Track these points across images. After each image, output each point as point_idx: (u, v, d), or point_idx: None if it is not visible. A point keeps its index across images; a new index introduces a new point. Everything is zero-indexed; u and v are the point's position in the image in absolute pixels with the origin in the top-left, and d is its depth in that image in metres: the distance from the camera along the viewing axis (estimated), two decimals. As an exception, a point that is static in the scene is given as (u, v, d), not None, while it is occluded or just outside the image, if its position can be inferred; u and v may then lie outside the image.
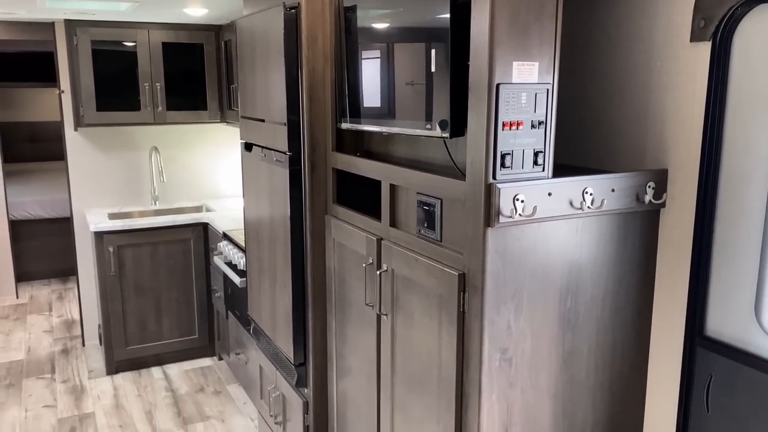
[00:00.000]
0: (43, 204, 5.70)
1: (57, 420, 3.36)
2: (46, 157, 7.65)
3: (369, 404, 2.10)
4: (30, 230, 5.76)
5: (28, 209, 5.64)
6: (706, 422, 1.63)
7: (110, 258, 3.74)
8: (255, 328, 2.92)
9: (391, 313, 1.90)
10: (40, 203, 5.69)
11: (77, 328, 4.68)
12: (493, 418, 1.58)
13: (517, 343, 1.57)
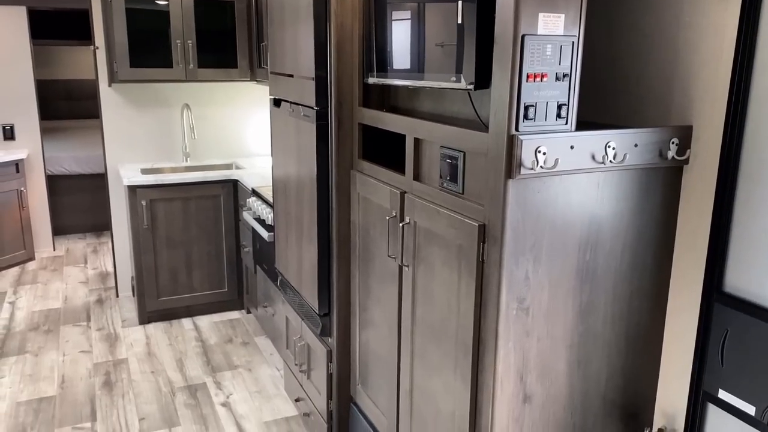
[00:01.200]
0: (78, 160, 5.85)
1: (93, 364, 3.52)
2: (81, 115, 7.80)
3: (390, 352, 2.16)
4: (66, 185, 5.93)
5: (65, 165, 5.80)
6: (720, 376, 1.65)
7: (143, 212, 3.85)
8: (282, 280, 3.00)
9: (412, 264, 1.94)
10: (75, 159, 5.84)
11: (111, 279, 4.85)
12: (509, 364, 1.63)
13: (535, 293, 1.61)
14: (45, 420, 2.98)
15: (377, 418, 2.32)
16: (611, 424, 1.82)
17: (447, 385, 1.81)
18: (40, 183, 5.29)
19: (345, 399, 2.60)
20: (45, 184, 5.31)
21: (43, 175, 5.29)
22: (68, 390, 3.25)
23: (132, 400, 3.15)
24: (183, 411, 3.06)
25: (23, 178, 5.10)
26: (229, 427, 2.93)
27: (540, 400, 1.69)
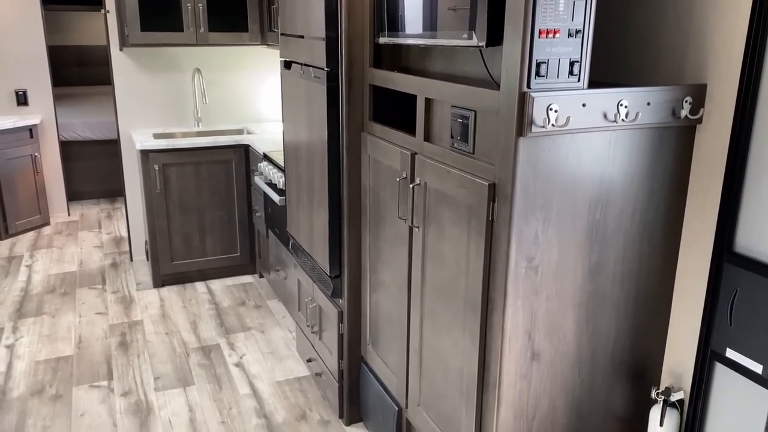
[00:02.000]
0: (91, 126, 5.87)
1: (108, 326, 3.58)
2: (93, 81, 7.81)
3: (399, 312, 2.19)
4: (79, 151, 5.97)
5: (77, 131, 5.82)
6: (728, 335, 1.66)
7: (155, 176, 3.88)
8: (293, 244, 3.02)
9: (422, 225, 1.95)
10: (88, 125, 5.86)
11: (125, 244, 4.90)
12: (517, 322, 1.64)
13: (544, 252, 1.62)
14: (63, 378, 3.05)
15: (387, 376, 2.36)
16: (618, 383, 1.84)
17: (456, 343, 1.84)
18: (53, 148, 5.32)
19: (356, 359, 2.64)
20: (59, 150, 5.34)
21: (57, 141, 5.32)
22: (85, 350, 3.32)
23: (147, 360, 3.21)
24: (197, 371, 3.13)
25: (37, 144, 5.14)
26: (242, 387, 2.99)
27: (548, 358, 1.71)
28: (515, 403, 1.71)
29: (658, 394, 1.81)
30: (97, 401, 2.87)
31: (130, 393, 2.94)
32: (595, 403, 1.83)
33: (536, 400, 1.74)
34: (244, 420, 2.74)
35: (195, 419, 2.74)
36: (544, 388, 1.74)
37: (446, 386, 1.92)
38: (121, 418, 2.75)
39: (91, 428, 2.68)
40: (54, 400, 2.87)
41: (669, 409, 1.79)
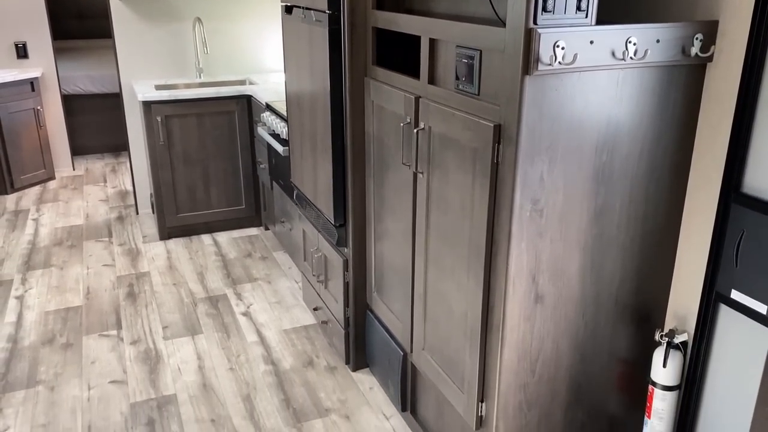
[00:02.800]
0: (93, 79, 5.81)
1: (116, 277, 3.62)
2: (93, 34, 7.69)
3: (404, 259, 2.19)
4: (82, 105, 5.92)
5: (79, 84, 5.77)
6: (733, 277, 1.66)
7: (158, 128, 3.85)
8: (298, 194, 3.02)
9: (426, 171, 1.94)
10: (90, 78, 5.80)
11: (131, 198, 4.91)
12: (521, 265, 1.64)
13: (549, 195, 1.60)
14: (73, 327, 3.10)
15: (392, 322, 2.38)
16: (622, 326, 1.85)
17: (460, 286, 1.84)
18: (56, 102, 5.28)
19: (361, 306, 2.66)
20: (61, 104, 5.30)
21: (59, 94, 5.28)
22: (94, 300, 3.35)
23: (155, 310, 3.25)
24: (205, 320, 3.16)
25: (39, 97, 5.10)
26: (249, 335, 3.03)
27: (552, 300, 1.72)
28: (519, 345, 1.72)
29: (662, 336, 1.82)
30: (107, 349, 2.92)
31: (139, 341, 2.98)
32: (598, 345, 1.84)
33: (540, 342, 1.75)
34: (252, 367, 2.78)
35: (203, 366, 2.79)
36: (547, 331, 1.75)
37: (450, 330, 1.93)
38: (130, 365, 2.80)
39: (101, 375, 2.73)
40: (65, 349, 2.92)
41: (672, 350, 1.80)
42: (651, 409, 1.87)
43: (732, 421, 1.76)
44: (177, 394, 2.60)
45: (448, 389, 1.99)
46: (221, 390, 2.63)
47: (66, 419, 2.46)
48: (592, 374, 1.87)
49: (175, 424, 2.42)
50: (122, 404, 2.54)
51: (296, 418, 2.46)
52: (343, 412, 2.50)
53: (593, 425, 1.93)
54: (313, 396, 2.59)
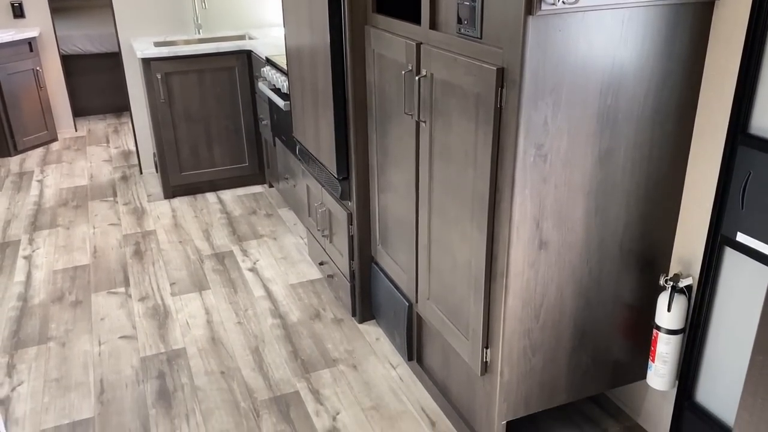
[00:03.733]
0: (91, 38, 5.74)
1: (122, 236, 3.63)
2: (89, -7, 7.55)
3: (408, 210, 2.19)
4: (82, 66, 5.87)
5: (78, 44, 5.70)
6: (739, 219, 1.65)
7: (159, 85, 3.81)
8: (300, 149, 3.00)
9: (429, 119, 1.91)
10: (88, 37, 5.73)
11: (134, 158, 4.90)
12: (525, 211, 1.63)
13: (553, 140, 1.58)
14: (81, 285, 3.13)
15: (397, 274, 2.39)
16: (627, 272, 1.85)
17: (464, 235, 1.84)
18: (55, 62, 5.23)
19: (366, 259, 2.67)
20: (60, 64, 5.25)
21: (58, 55, 5.22)
22: (101, 259, 3.38)
23: (162, 267, 3.28)
24: (212, 276, 3.19)
25: (38, 58, 5.04)
26: (256, 290, 3.05)
27: (556, 246, 1.71)
28: (523, 292, 1.73)
29: (667, 280, 1.82)
30: (115, 306, 2.95)
31: (147, 298, 3.01)
32: (603, 291, 1.84)
33: (544, 289, 1.75)
34: (259, 320, 2.81)
35: (212, 320, 2.82)
36: (551, 277, 1.75)
37: (455, 279, 1.94)
38: (140, 321, 2.83)
39: (111, 331, 2.77)
40: (74, 306, 2.96)
41: (677, 295, 1.80)
42: (655, 353, 1.88)
43: (735, 363, 1.77)
44: (186, 348, 2.63)
45: (454, 337, 2.01)
46: (230, 343, 2.66)
47: (78, 373, 2.50)
48: (597, 319, 1.88)
49: (185, 376, 2.47)
50: (133, 358, 2.58)
51: (304, 368, 2.50)
52: (350, 362, 2.53)
53: (597, 369, 1.95)
54: (320, 347, 2.62)
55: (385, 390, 2.38)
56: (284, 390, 2.38)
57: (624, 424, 2.16)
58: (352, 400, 2.33)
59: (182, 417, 2.26)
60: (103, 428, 2.22)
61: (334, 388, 2.39)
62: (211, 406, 2.31)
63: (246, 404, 2.31)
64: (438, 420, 2.22)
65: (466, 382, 2.08)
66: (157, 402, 2.34)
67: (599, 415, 2.21)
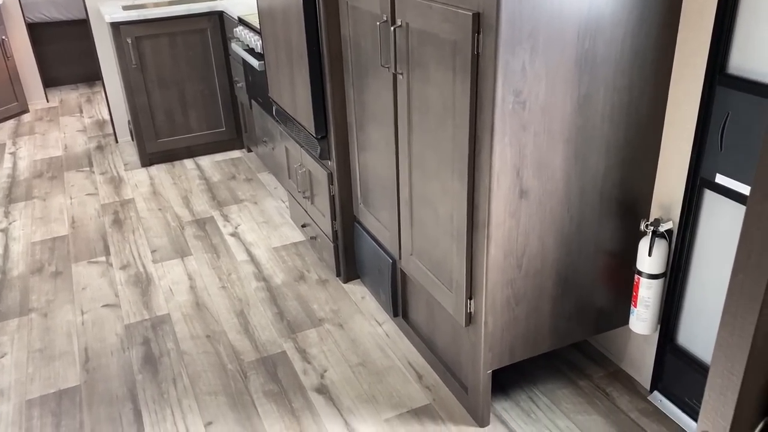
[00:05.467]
0: (57, 5, 5.57)
1: (100, 205, 3.58)
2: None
3: (388, 166, 2.16)
4: (50, 34, 5.70)
5: (43, 11, 5.53)
6: (718, 161, 1.65)
7: (129, 50, 3.71)
8: (277, 110, 2.95)
9: (406, 71, 1.88)
10: (54, 4, 5.56)
11: (109, 127, 4.81)
12: (505, 160, 1.62)
13: (532, 86, 1.56)
14: (61, 256, 3.09)
15: (380, 231, 2.38)
16: (608, 218, 1.86)
17: (445, 188, 1.83)
18: (21, 31, 5.07)
19: (349, 219, 2.66)
20: (27, 32, 5.09)
21: (23, 22, 5.06)
22: (79, 229, 3.33)
23: (143, 235, 3.24)
24: (193, 242, 3.16)
25: (3, 26, 4.89)
26: (239, 254, 3.03)
27: (536, 195, 1.71)
28: (505, 242, 1.73)
29: (647, 225, 1.82)
30: (97, 275, 2.92)
31: (128, 266, 2.98)
32: (584, 238, 1.85)
33: (525, 238, 1.75)
34: (243, 284, 2.80)
35: (195, 286, 2.80)
36: (533, 226, 1.75)
37: (437, 232, 1.93)
38: (122, 289, 2.81)
39: (93, 300, 2.74)
40: (54, 277, 2.92)
41: (658, 239, 1.81)
42: (637, 298, 1.90)
43: (716, 303, 1.79)
44: (170, 314, 2.62)
45: (438, 290, 2.01)
46: (214, 307, 2.65)
47: (62, 343, 2.48)
48: (579, 267, 1.89)
49: (171, 341, 2.46)
50: (117, 326, 2.57)
51: (290, 329, 2.50)
52: (336, 321, 2.53)
53: (580, 316, 1.97)
54: (306, 308, 2.62)
55: (372, 346, 2.39)
56: (271, 351, 2.39)
57: (608, 370, 2.20)
58: (339, 358, 2.34)
59: (169, 381, 2.26)
60: (90, 395, 2.21)
61: (320, 346, 2.40)
62: (198, 370, 2.30)
63: (233, 366, 2.32)
64: (425, 373, 2.24)
65: (451, 335, 2.09)
66: (143, 368, 2.33)
67: (583, 361, 2.24)
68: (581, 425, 1.99)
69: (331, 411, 2.10)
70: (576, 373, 2.19)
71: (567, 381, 2.16)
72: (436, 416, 2.06)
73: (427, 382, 2.20)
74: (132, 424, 2.09)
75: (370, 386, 2.19)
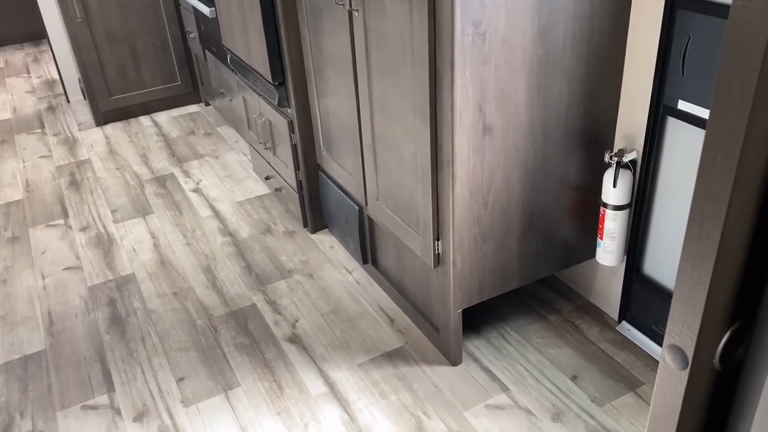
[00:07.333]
0: (-8, -41, 5.26)
1: (55, 167, 3.46)
2: None
3: (349, 110, 2.11)
4: (-13, -9, 5.40)
5: (-22, -34, 5.22)
6: (680, 87, 1.63)
7: (73, 3, 3.53)
8: (232, 58, 2.84)
9: (362, 6, 1.81)
10: (-11, -41, 5.25)
11: (59, 86, 4.62)
12: (467, 95, 1.58)
13: (491, 16, 1.51)
14: (17, 221, 2.98)
15: (345, 178, 2.34)
16: (572, 151, 1.84)
17: (407, 128, 1.78)
18: (-45, -12, 4.79)
19: (312, 168, 2.61)
20: (-39, -10, 4.81)
21: (-43, -21, 4.77)
22: (35, 193, 3.22)
23: (101, 196, 3.14)
24: (154, 200, 3.08)
25: (-65, -16, 4.60)
26: (202, 210, 2.97)
27: (500, 130, 1.68)
28: (470, 179, 1.70)
29: (611, 156, 1.82)
30: (56, 238, 2.83)
31: (88, 227, 2.90)
32: (549, 172, 1.83)
33: (490, 175, 1.73)
34: (209, 240, 2.75)
35: (159, 244, 2.74)
36: (497, 162, 1.72)
37: (402, 174, 1.90)
38: (83, 251, 2.73)
39: (54, 263, 2.67)
40: (11, 243, 2.83)
41: (622, 170, 1.81)
42: (603, 230, 1.91)
43: (680, 232, 1.81)
44: (135, 273, 2.56)
45: (405, 234, 1.99)
46: (180, 265, 2.60)
47: (24, 308, 2.42)
48: (545, 202, 1.88)
49: (137, 300, 2.41)
50: (80, 288, 2.50)
51: (259, 282, 2.47)
52: (305, 272, 2.51)
53: (548, 252, 1.98)
54: (274, 260, 2.59)
55: (343, 294, 2.38)
56: (240, 304, 2.36)
57: (576, 303, 2.22)
58: (310, 307, 2.32)
59: (138, 340, 2.22)
60: (57, 359, 2.17)
61: (291, 297, 2.38)
62: (167, 327, 2.27)
63: (202, 321, 2.29)
64: (396, 317, 2.24)
65: (421, 277, 2.08)
66: (110, 328, 2.29)
67: (552, 296, 2.27)
68: (552, 358, 2.02)
69: (304, 359, 2.09)
70: (545, 308, 2.22)
71: (537, 316, 2.19)
72: (409, 358, 2.06)
73: (398, 325, 2.21)
74: (102, 384, 2.05)
75: (343, 333, 2.19)
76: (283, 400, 1.95)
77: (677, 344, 0.62)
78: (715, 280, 0.56)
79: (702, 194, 0.54)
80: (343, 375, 2.02)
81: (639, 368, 1.95)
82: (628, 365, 1.97)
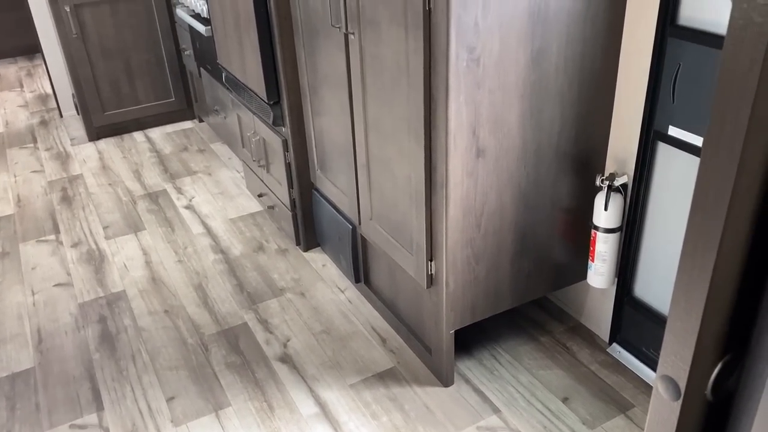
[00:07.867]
0: (-12, -26, 5.27)
1: (47, 182, 3.45)
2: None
3: (344, 130, 2.12)
4: (-18, 5, 5.41)
5: (-26, -20, 5.23)
6: (671, 113, 1.66)
7: (68, 19, 3.54)
8: (227, 76, 2.86)
9: (357, 30, 1.83)
10: (-15, -27, 5.26)
11: (52, 101, 4.61)
12: (461, 119, 1.60)
13: (485, 42, 1.54)
14: (7, 236, 2.97)
15: (338, 197, 2.35)
16: (564, 174, 1.86)
17: (401, 150, 1.80)
18: (-50, 2, 4.79)
19: (306, 186, 2.62)
20: (-44, 3, 4.82)
21: (-48, -7, 4.78)
22: (26, 208, 3.21)
23: (93, 212, 3.13)
24: (146, 216, 3.07)
25: (-71, -3, 4.61)
26: (195, 227, 2.97)
27: (493, 153, 1.70)
28: (463, 201, 1.72)
29: (603, 180, 1.84)
30: (47, 254, 2.82)
31: (80, 243, 2.89)
32: (541, 195, 1.85)
33: (484, 197, 1.75)
34: (201, 257, 2.74)
35: (151, 261, 2.73)
36: (490, 184, 1.74)
37: (396, 195, 1.91)
38: (74, 267, 2.72)
39: (45, 279, 2.65)
40: (1, 258, 2.81)
41: (613, 194, 1.83)
42: (594, 253, 1.92)
43: (671, 256, 1.83)
44: (126, 290, 2.55)
45: (398, 254, 2.00)
46: (171, 282, 2.59)
47: (13, 325, 2.40)
48: (537, 224, 1.89)
49: (128, 318, 2.40)
50: (70, 305, 2.49)
51: (251, 300, 2.47)
52: (297, 290, 2.51)
53: (540, 273, 1.99)
54: (266, 278, 2.59)
55: (335, 313, 2.37)
56: (232, 323, 2.35)
57: (567, 325, 2.23)
58: (302, 326, 2.32)
59: (128, 358, 2.21)
60: (45, 377, 2.15)
61: (282, 316, 2.37)
62: (158, 345, 2.26)
63: (193, 340, 2.28)
64: (388, 336, 2.24)
65: (414, 297, 2.09)
66: (100, 346, 2.27)
67: (543, 317, 2.27)
68: (543, 380, 2.02)
69: (296, 379, 2.08)
70: (537, 330, 2.22)
71: (528, 337, 2.19)
72: (401, 378, 2.06)
73: (391, 345, 2.20)
74: (91, 403, 2.04)
75: (334, 353, 2.18)
76: (273, 420, 1.94)
77: (670, 375, 0.63)
78: (707, 314, 0.57)
79: (694, 231, 0.55)
80: (334, 395, 2.01)
81: (630, 390, 1.96)
82: (619, 387, 1.97)
